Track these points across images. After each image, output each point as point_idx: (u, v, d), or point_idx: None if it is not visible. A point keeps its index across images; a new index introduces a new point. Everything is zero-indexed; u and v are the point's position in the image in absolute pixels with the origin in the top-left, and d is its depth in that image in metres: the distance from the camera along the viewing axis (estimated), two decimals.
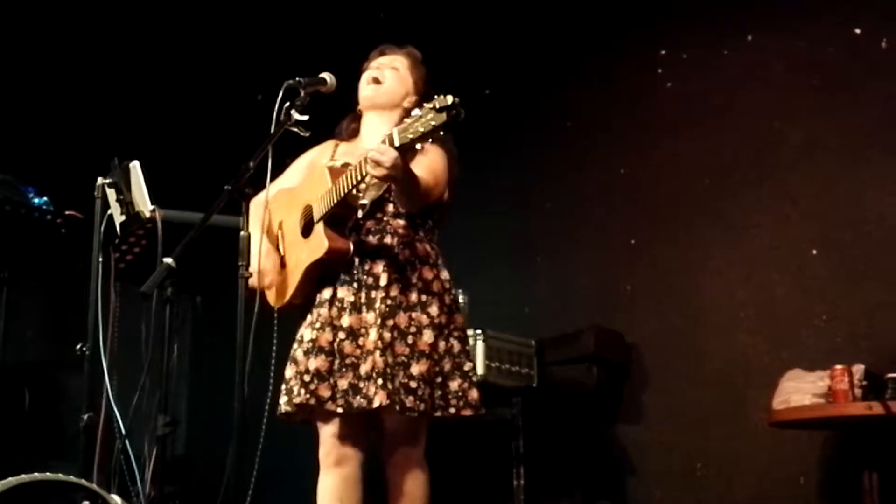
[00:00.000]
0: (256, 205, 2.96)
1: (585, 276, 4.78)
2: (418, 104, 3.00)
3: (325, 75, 3.06)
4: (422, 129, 2.64)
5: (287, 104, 2.93)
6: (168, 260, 2.58)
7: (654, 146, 4.70)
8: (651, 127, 4.73)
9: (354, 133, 3.23)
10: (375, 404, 2.83)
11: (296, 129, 3.00)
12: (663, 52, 4.73)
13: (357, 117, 3.23)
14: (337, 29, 5.45)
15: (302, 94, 2.97)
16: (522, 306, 4.87)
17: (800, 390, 3.64)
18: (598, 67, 4.90)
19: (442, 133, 2.64)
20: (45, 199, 3.69)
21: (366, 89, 3.17)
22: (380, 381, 2.84)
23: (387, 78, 3.15)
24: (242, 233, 2.79)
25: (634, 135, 4.77)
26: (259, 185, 2.94)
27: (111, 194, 3.23)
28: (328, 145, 3.26)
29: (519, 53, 5.15)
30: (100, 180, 3.27)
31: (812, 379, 3.67)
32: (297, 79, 2.98)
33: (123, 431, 3.15)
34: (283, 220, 3.15)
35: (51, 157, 5.06)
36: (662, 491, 4.34)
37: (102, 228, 3.23)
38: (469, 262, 4.75)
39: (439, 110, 2.60)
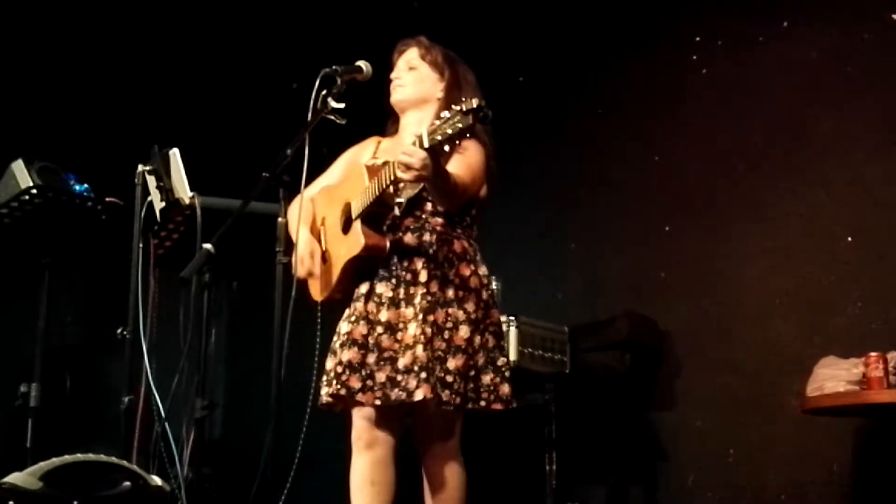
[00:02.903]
0: (299, 200, 3.03)
1: (618, 262, 4.79)
2: (449, 85, 3.14)
3: (362, 63, 3.11)
4: (449, 132, 2.69)
5: (324, 92, 2.98)
6: (207, 246, 2.63)
7: (688, 133, 4.69)
8: (685, 114, 4.72)
9: (396, 131, 3.29)
10: (418, 397, 2.87)
11: (332, 117, 3.06)
12: (698, 38, 4.72)
13: (398, 116, 3.29)
14: (371, 16, 5.48)
15: (338, 82, 3.02)
16: (555, 292, 4.89)
17: (834, 377, 3.63)
18: (632, 54, 4.90)
19: (469, 135, 2.70)
20: (85, 185, 3.75)
21: (391, 96, 3.25)
22: (423, 375, 2.88)
23: (405, 80, 3.22)
24: (280, 219, 2.85)
25: (668, 121, 4.76)
26: (296, 173, 2.99)
27: (151, 181, 3.29)
28: (371, 142, 3.32)
29: (552, 40, 5.15)
30: (140, 167, 3.33)
31: (846, 366, 3.66)
32: (334, 67, 3.03)
33: (163, 414, 3.20)
34: (325, 216, 3.22)
35: (91, 144, 5.13)
36: (695, 477, 4.35)
37: (142, 215, 3.28)
38: (503, 247, 4.78)
39: (465, 113, 2.66)
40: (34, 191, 3.49)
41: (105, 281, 4.70)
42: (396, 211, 3.07)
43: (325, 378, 3.06)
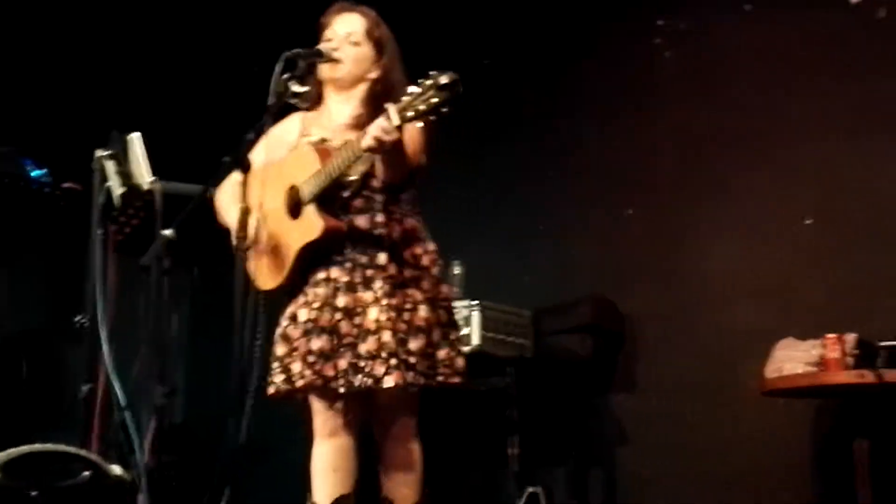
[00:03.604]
0: (234, 182, 2.93)
1: (585, 245, 4.78)
2: (386, 68, 3.03)
3: (323, 47, 3.07)
4: (423, 108, 2.60)
5: (286, 76, 2.93)
6: (167, 232, 2.59)
7: (653, 116, 4.69)
8: (649, 97, 4.72)
9: (319, 99, 3.14)
10: (388, 384, 2.83)
11: (294, 101, 3.02)
12: (660, 21, 4.72)
13: (318, 83, 3.11)
14: None
15: (301, 65, 2.97)
16: (522, 276, 4.89)
17: (792, 359, 3.67)
18: (595, 36, 4.89)
19: (444, 111, 2.59)
20: (43, 170, 3.68)
21: (324, 68, 3.07)
22: (393, 361, 2.84)
23: (346, 56, 3.05)
24: (241, 205, 2.80)
25: (633, 104, 4.76)
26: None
27: (110, 166, 3.24)
28: (293, 119, 3.17)
29: (518, 23, 5.13)
30: (98, 152, 3.27)
31: (805, 348, 3.69)
32: (296, 50, 2.98)
33: (122, 403, 3.16)
34: (262, 200, 2.98)
35: (49, 127, 5.04)
36: (656, 460, 4.38)
37: (101, 201, 3.23)
38: (468, 231, 4.79)
39: (440, 88, 2.56)
40: None
41: (63, 267, 4.63)
42: (348, 192, 2.98)
43: (277, 365, 2.98)
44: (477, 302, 4.23)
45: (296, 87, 2.94)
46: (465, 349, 3.99)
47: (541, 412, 4.46)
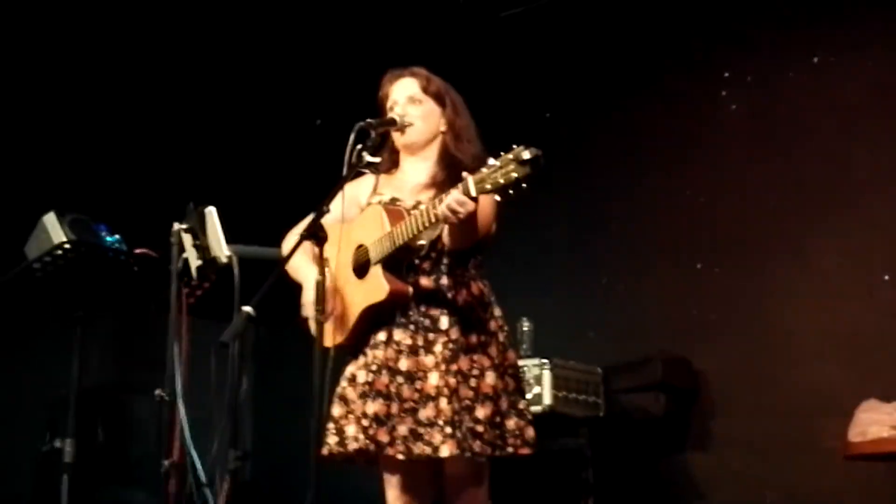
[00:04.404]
0: (294, 237, 2.91)
1: (651, 300, 4.74)
2: (451, 117, 3.04)
3: (395, 115, 3.07)
4: (502, 181, 2.55)
5: (359, 146, 2.93)
6: (247, 308, 2.58)
7: (720, 169, 4.65)
8: (716, 150, 4.69)
9: (394, 164, 3.16)
10: (444, 454, 2.80)
11: (367, 171, 3.03)
12: (727, 74, 4.68)
13: (393, 150, 3.14)
14: (393, 55, 5.45)
15: (373, 135, 2.97)
16: (587, 330, 4.84)
17: (877, 422, 3.59)
18: (663, 90, 4.86)
19: (523, 186, 2.54)
20: (117, 236, 3.72)
21: (397, 136, 3.07)
22: (448, 430, 2.80)
23: (413, 117, 3.05)
24: (318, 277, 2.80)
25: (699, 157, 4.73)
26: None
27: (188, 239, 3.27)
28: (367, 179, 3.17)
29: (581, 76, 5.12)
30: (175, 226, 3.30)
31: (888, 410, 3.63)
32: (368, 120, 2.98)
33: (203, 480, 3.17)
34: (328, 258, 2.96)
35: (118, 191, 5.13)
36: None
37: (178, 270, 3.27)
38: (532, 286, 4.76)
39: (521, 163, 2.51)
40: (67, 245, 3.47)
41: (133, 325, 4.69)
42: (413, 255, 2.95)
43: (332, 426, 2.95)
44: (547, 360, 4.18)
45: (369, 158, 2.94)
46: (537, 409, 4.00)
47: (614, 472, 4.39)
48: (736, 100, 4.66)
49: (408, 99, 3.07)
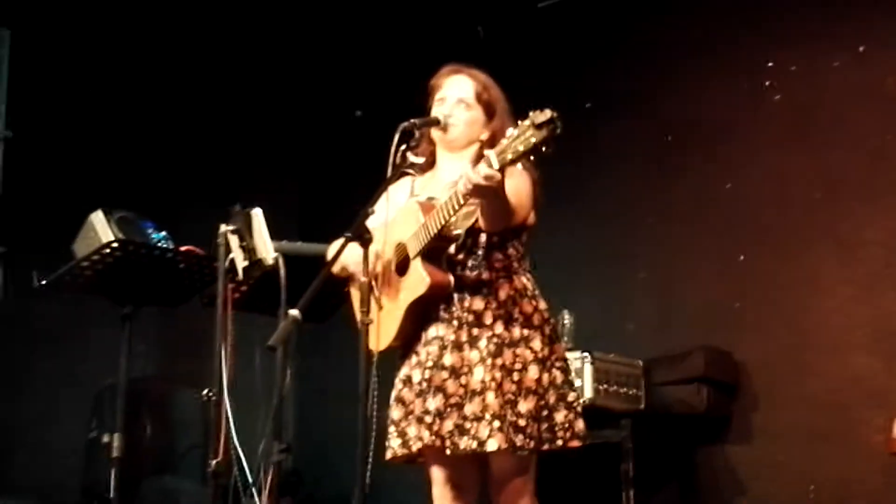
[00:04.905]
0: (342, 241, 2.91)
1: (690, 291, 4.72)
2: (492, 133, 2.98)
3: (437, 114, 3.07)
4: (521, 148, 2.54)
5: (403, 147, 2.93)
6: (294, 312, 2.61)
7: (762, 160, 4.62)
8: (758, 140, 4.65)
9: (429, 165, 3.15)
10: (491, 448, 2.82)
11: (411, 171, 3.04)
12: (770, 63, 4.64)
13: (430, 141, 3.12)
14: (435, 45, 5.45)
15: (416, 135, 2.97)
16: (626, 323, 4.84)
17: None
18: (704, 80, 4.83)
19: (544, 150, 2.52)
20: (163, 233, 3.78)
21: (436, 132, 3.06)
22: (496, 424, 2.82)
23: (458, 119, 3.03)
24: (363, 279, 2.82)
25: (741, 148, 4.69)
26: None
27: (234, 241, 3.30)
28: (404, 182, 3.16)
29: (621, 65, 5.09)
30: (223, 227, 3.34)
31: None
32: (412, 121, 2.98)
33: (250, 481, 3.22)
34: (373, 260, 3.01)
35: (164, 189, 5.19)
36: None
37: (225, 270, 3.31)
38: (571, 278, 4.75)
39: (538, 126, 2.49)
40: (115, 245, 3.53)
41: (177, 317, 4.75)
42: (452, 248, 2.95)
43: (394, 429, 2.98)
44: (587, 353, 4.18)
45: (413, 159, 2.95)
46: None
47: (655, 465, 4.39)
48: (780, 90, 4.62)
49: (457, 100, 3.05)
